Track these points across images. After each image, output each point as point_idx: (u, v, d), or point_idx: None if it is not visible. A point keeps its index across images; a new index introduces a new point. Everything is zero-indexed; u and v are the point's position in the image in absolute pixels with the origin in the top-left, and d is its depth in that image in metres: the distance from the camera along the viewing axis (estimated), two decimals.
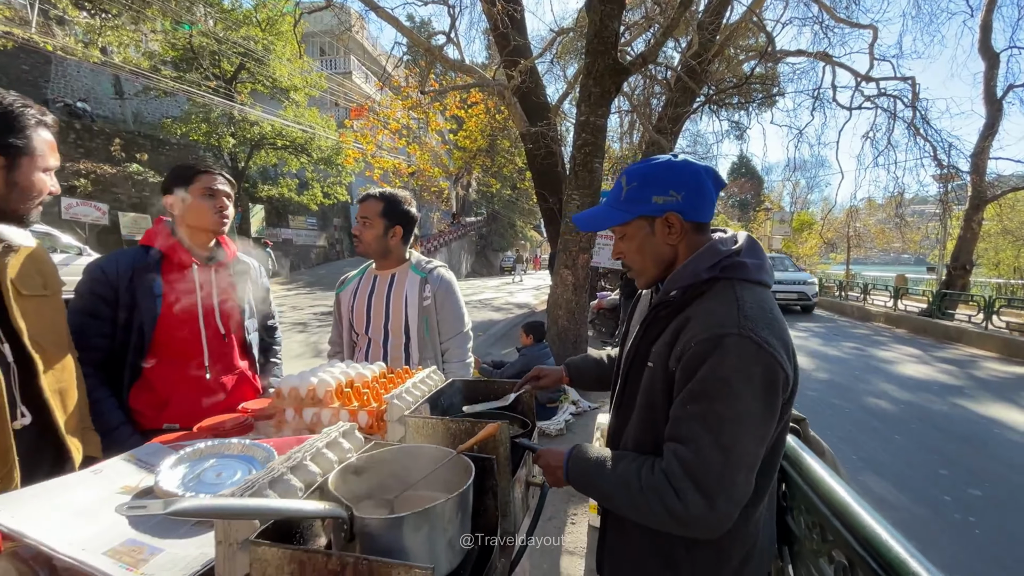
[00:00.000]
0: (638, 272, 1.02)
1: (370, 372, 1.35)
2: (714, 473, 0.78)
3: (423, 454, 0.91)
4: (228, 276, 1.70)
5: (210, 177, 1.59)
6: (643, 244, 0.97)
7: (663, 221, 0.94)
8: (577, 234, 5.01)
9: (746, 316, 0.82)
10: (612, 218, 0.99)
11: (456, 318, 1.87)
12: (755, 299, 0.86)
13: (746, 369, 0.79)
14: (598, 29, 4.70)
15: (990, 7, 12.34)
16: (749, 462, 0.81)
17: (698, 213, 0.94)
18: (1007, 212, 17.61)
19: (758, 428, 0.81)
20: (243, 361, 1.73)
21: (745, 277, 0.89)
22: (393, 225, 1.84)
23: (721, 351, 0.80)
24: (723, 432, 0.78)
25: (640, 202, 0.94)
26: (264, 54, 16.47)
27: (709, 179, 0.94)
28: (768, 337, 0.80)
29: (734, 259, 0.90)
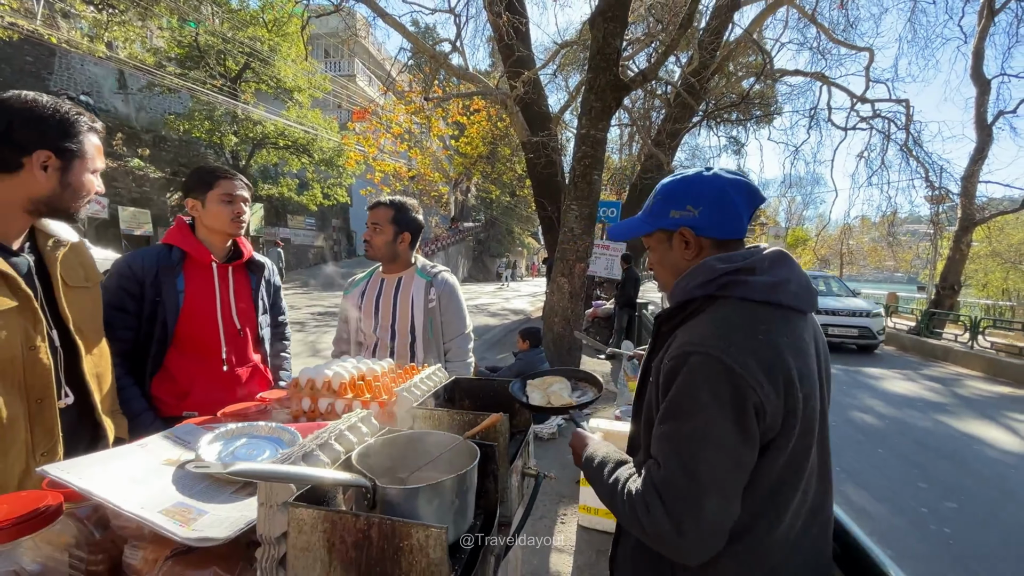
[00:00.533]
0: (660, 283, 1.06)
1: (380, 368, 1.45)
2: (679, 495, 0.77)
3: (432, 439, 1.01)
4: (244, 274, 1.80)
5: (230, 183, 1.69)
6: (663, 257, 1.00)
7: (679, 236, 0.95)
8: (575, 243, 5.13)
9: (719, 336, 0.80)
10: (636, 229, 1.04)
11: (459, 320, 1.97)
12: (743, 319, 0.84)
13: (712, 388, 0.77)
14: (601, 46, 4.85)
15: (982, 34, 12.67)
16: (720, 487, 0.77)
17: (719, 230, 0.93)
18: (996, 234, 17.95)
19: (730, 451, 0.77)
20: (256, 354, 1.83)
21: (746, 296, 0.86)
22: (402, 231, 1.96)
23: (687, 369, 0.80)
24: (686, 452, 0.78)
25: (660, 216, 0.97)
26: (270, 55, 16.63)
27: (739, 194, 0.92)
28: (739, 358, 0.77)
29: (736, 277, 0.87)
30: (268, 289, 1.93)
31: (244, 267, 1.81)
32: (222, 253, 1.73)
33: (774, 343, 0.81)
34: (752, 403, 0.77)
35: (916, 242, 23.21)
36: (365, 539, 0.69)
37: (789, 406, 0.80)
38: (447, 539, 0.68)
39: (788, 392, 0.79)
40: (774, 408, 0.78)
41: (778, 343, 0.81)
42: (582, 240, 5.14)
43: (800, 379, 0.81)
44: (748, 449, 0.79)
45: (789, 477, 0.84)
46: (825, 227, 25.28)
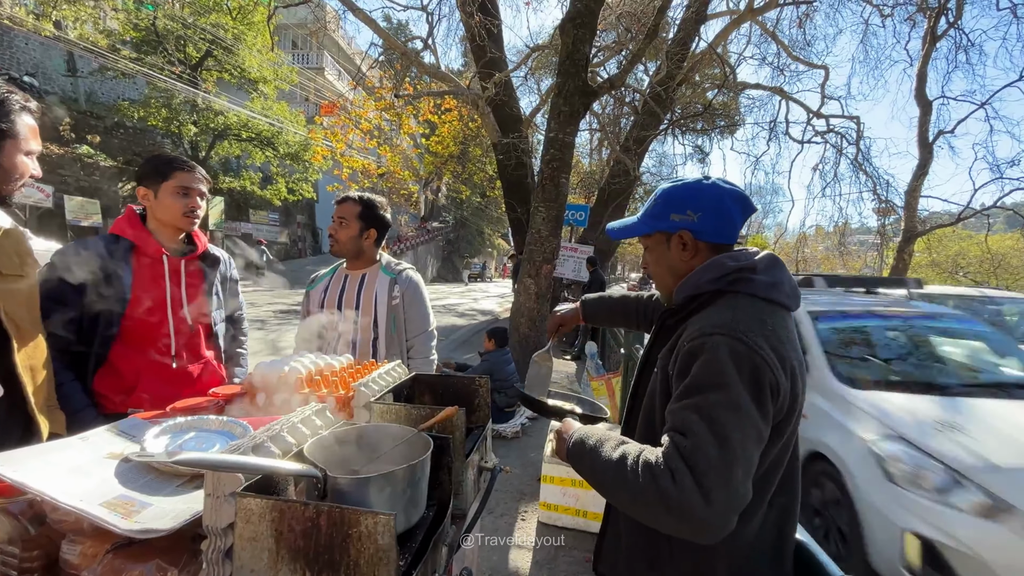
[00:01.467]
0: (656, 282, 1.10)
1: (338, 363, 1.45)
2: (711, 462, 0.76)
3: (387, 432, 1.02)
4: (197, 268, 1.75)
5: (187, 175, 1.63)
6: (660, 257, 1.05)
7: (677, 238, 1.01)
8: (542, 244, 5.19)
9: (738, 320, 0.85)
10: (635, 229, 1.09)
11: (422, 317, 1.98)
12: (754, 311, 0.89)
13: (736, 364, 0.81)
14: (570, 51, 4.93)
15: (926, 58, 13.52)
16: (747, 460, 0.79)
17: (715, 235, 0.99)
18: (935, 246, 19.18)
19: (752, 424, 0.80)
20: (209, 351, 1.79)
21: (752, 292, 0.92)
22: (368, 228, 1.95)
23: (711, 348, 0.83)
24: (717, 420, 0.78)
25: (660, 218, 1.02)
26: (233, 43, 16.06)
27: (735, 203, 0.99)
28: (758, 341, 0.83)
29: (743, 274, 0.93)
30: (224, 284, 1.89)
31: (198, 261, 1.76)
32: (174, 246, 1.68)
33: (779, 335, 0.87)
34: (769, 383, 0.82)
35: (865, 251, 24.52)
36: (314, 527, 0.70)
37: (794, 392, 0.87)
38: (396, 526, 0.70)
39: (793, 380, 0.86)
40: (784, 390, 0.84)
41: (781, 335, 0.88)
42: (549, 242, 5.20)
43: (799, 368, 0.89)
44: (766, 427, 0.82)
45: (780, 460, 0.91)
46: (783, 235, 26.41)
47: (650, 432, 0.97)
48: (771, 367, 0.82)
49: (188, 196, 1.63)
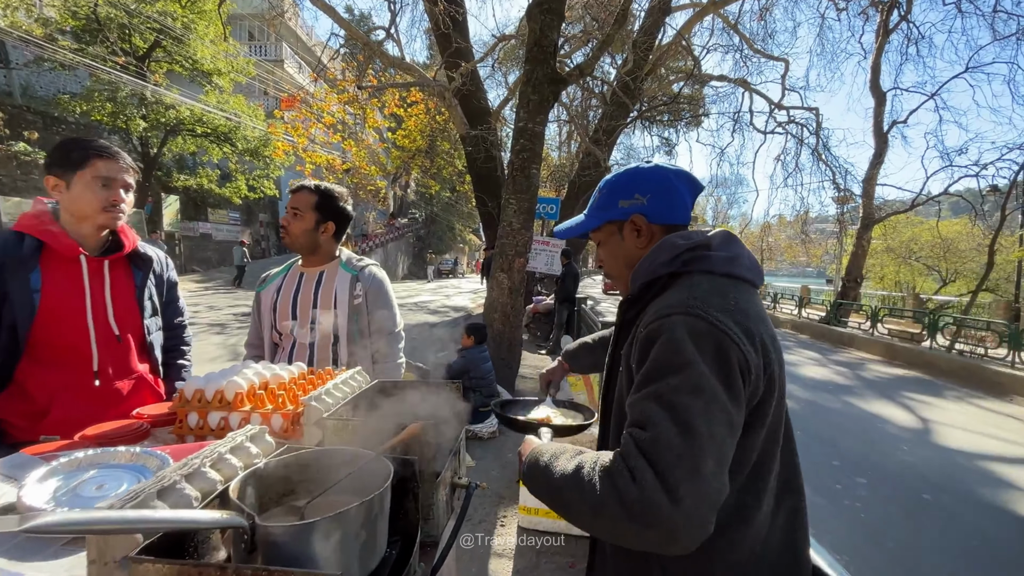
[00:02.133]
0: (615, 278, 1.02)
1: (288, 373, 1.27)
2: (675, 453, 0.66)
3: (340, 457, 0.86)
4: (125, 270, 1.53)
5: (108, 164, 1.40)
6: (615, 249, 0.99)
7: (630, 225, 0.95)
8: (514, 238, 5.05)
9: (695, 297, 0.78)
10: (584, 225, 1.02)
11: (388, 318, 1.81)
12: (713, 286, 0.81)
13: (696, 343, 0.73)
14: (538, 38, 4.79)
15: (879, 51, 14.00)
16: (717, 447, 0.68)
17: (667, 215, 0.93)
18: (890, 232, 20.03)
19: (721, 408, 0.70)
20: (143, 364, 1.57)
21: (708, 269, 0.85)
22: (326, 220, 1.76)
23: (669, 328, 0.75)
24: (679, 406, 0.69)
25: (608, 208, 0.97)
26: (183, 32, 15.19)
27: (681, 182, 0.94)
28: (718, 316, 0.75)
29: (697, 252, 0.86)
30: (160, 287, 1.67)
31: (125, 261, 1.54)
32: (95, 244, 1.46)
33: (743, 309, 0.79)
34: (736, 360, 0.73)
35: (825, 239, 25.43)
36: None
37: (768, 369, 0.78)
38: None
39: (765, 354, 0.77)
40: (756, 368, 0.75)
41: (747, 309, 0.79)
42: (521, 235, 5.06)
43: (772, 343, 0.80)
44: (737, 410, 0.72)
45: (769, 451, 0.82)
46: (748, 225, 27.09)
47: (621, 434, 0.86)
48: (736, 342, 0.73)
49: (109, 188, 1.40)
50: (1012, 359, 7.51)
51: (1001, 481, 4.11)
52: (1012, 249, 14.15)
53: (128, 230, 1.55)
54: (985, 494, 3.83)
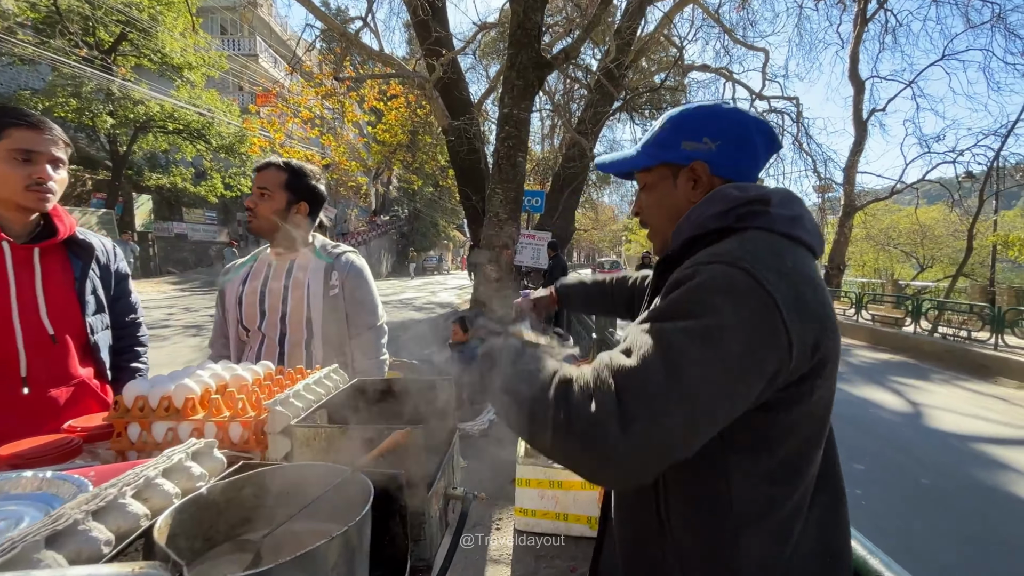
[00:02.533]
0: (654, 231, 0.87)
1: (251, 374, 1.10)
2: (646, 387, 0.56)
3: (308, 474, 0.70)
4: (61, 259, 1.34)
5: (28, 134, 1.19)
6: (662, 197, 0.83)
7: (688, 172, 0.79)
8: (500, 228, 4.89)
9: (746, 250, 0.64)
10: (633, 161, 0.86)
11: (368, 310, 1.63)
12: (770, 245, 0.67)
13: (732, 297, 0.59)
14: (521, 20, 4.62)
15: (857, 40, 14.13)
16: (700, 408, 0.57)
17: (733, 170, 0.78)
18: (870, 220, 20.35)
19: (728, 371, 0.57)
20: (85, 368, 1.38)
21: (767, 227, 0.70)
22: (298, 200, 1.57)
23: (705, 274, 0.62)
24: (676, 347, 0.57)
25: (667, 147, 0.81)
26: (151, 24, 14.60)
27: (760, 135, 0.78)
28: (767, 275, 0.60)
29: (755, 207, 0.71)
30: (106, 279, 1.47)
31: (62, 249, 1.34)
32: (21, 229, 1.26)
33: (801, 273, 0.65)
34: (773, 330, 0.59)
35: None
36: None
37: (818, 344, 0.63)
38: None
39: (817, 327, 0.62)
40: (800, 341, 0.61)
41: (806, 274, 0.65)
42: (508, 225, 4.91)
43: (829, 317, 0.66)
44: (754, 386, 0.60)
45: (813, 439, 0.69)
46: None
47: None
48: (781, 309, 0.59)
49: (32, 163, 1.20)
50: (995, 341, 7.61)
51: (996, 463, 4.10)
52: (987, 234, 14.44)
53: (64, 213, 1.35)
54: (983, 477, 3.81)
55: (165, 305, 11.13)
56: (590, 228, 34.31)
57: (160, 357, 6.12)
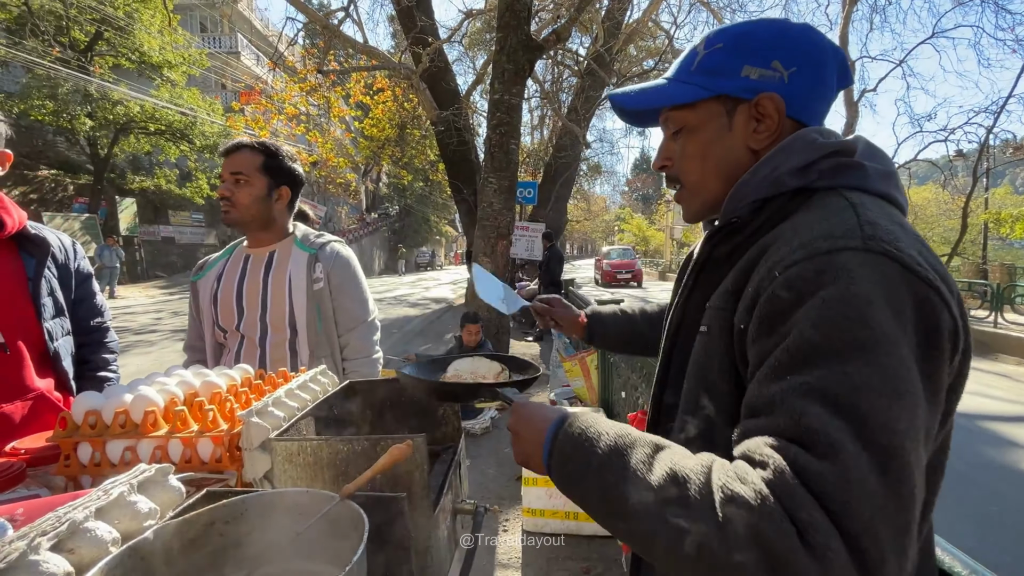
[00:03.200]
0: (691, 189, 0.66)
1: (226, 380, 0.96)
2: (876, 504, 0.38)
3: (287, 504, 0.57)
4: (11, 258, 1.19)
5: None
6: (711, 142, 0.63)
7: (750, 108, 0.60)
8: (495, 219, 4.75)
9: (872, 223, 0.48)
10: (673, 94, 0.64)
11: (358, 303, 1.49)
12: (884, 212, 0.52)
13: (888, 299, 0.43)
14: (510, 2, 4.45)
15: (846, 21, 14.01)
16: (920, 465, 0.41)
17: (808, 108, 0.60)
18: None
19: (924, 411, 0.42)
20: (44, 379, 1.23)
21: (863, 186, 0.55)
22: (279, 184, 1.42)
23: (837, 273, 0.44)
24: (872, 420, 0.40)
25: (722, 74, 0.61)
26: (127, 22, 14.20)
27: (836, 64, 0.61)
28: (917, 256, 0.46)
29: (842, 159, 0.55)
30: (66, 279, 1.33)
31: (11, 247, 1.20)
32: None
33: (924, 242, 0.49)
34: (947, 328, 0.45)
35: None
36: None
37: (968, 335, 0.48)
38: None
39: (965, 319, 0.47)
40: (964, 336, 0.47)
41: (926, 243, 0.50)
42: (502, 215, 4.77)
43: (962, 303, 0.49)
44: (939, 396, 0.45)
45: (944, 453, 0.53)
46: None
47: (707, 432, 0.57)
48: (945, 299, 0.45)
49: None
50: (994, 319, 7.59)
51: (1007, 441, 4.04)
52: (978, 212, 14.47)
53: (12, 206, 1.20)
54: (995, 456, 3.74)
55: (153, 310, 10.89)
56: (582, 219, 34.18)
57: (147, 364, 5.94)
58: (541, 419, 0.56)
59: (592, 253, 75.53)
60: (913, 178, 17.98)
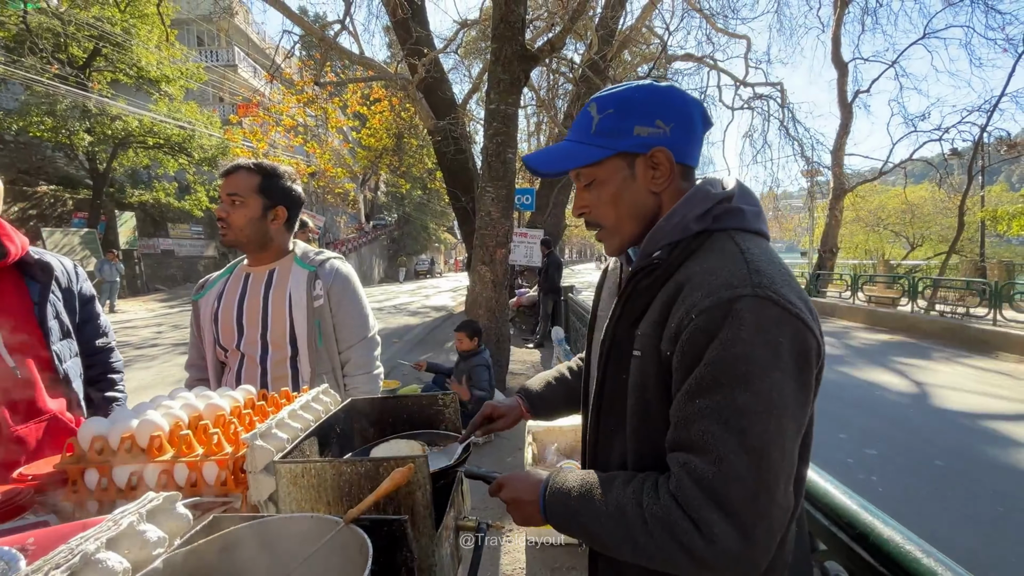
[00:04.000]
0: (610, 231, 0.79)
1: (230, 402, 0.97)
2: (748, 492, 0.57)
3: (293, 529, 0.58)
4: (16, 282, 1.21)
5: None
6: (620, 191, 0.75)
7: (647, 160, 0.73)
8: (493, 227, 4.77)
9: (758, 271, 0.62)
10: (581, 155, 0.75)
11: (358, 320, 1.51)
12: (762, 251, 0.67)
13: (771, 340, 0.59)
14: (504, 14, 4.50)
15: (838, 23, 14.14)
16: (788, 468, 0.60)
17: (688, 153, 0.74)
18: (860, 202, 20.43)
19: (794, 419, 0.60)
20: (56, 401, 1.25)
21: (743, 226, 0.71)
22: (275, 204, 1.44)
23: (734, 320, 0.59)
24: (751, 431, 0.57)
25: (619, 134, 0.73)
26: (125, 38, 14.30)
27: (698, 114, 0.75)
28: (790, 296, 0.61)
29: (728, 205, 0.70)
30: (70, 302, 1.35)
31: (15, 273, 1.21)
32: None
33: (790, 273, 0.67)
34: (813, 351, 0.62)
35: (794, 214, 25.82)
36: None
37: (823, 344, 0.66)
38: None
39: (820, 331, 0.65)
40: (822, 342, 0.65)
41: (791, 273, 0.67)
42: (501, 224, 4.79)
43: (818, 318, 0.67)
44: (806, 411, 0.63)
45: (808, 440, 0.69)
46: None
47: (648, 441, 0.71)
48: (811, 328, 0.62)
49: None
50: (994, 316, 7.60)
51: (1008, 440, 4.04)
52: (974, 210, 14.52)
53: (14, 233, 1.22)
54: (997, 455, 3.74)
55: (153, 324, 10.89)
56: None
57: (148, 378, 5.94)
58: (530, 490, 0.76)
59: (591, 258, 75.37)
60: (909, 177, 18.05)
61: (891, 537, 0.82)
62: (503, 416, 1.07)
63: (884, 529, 0.85)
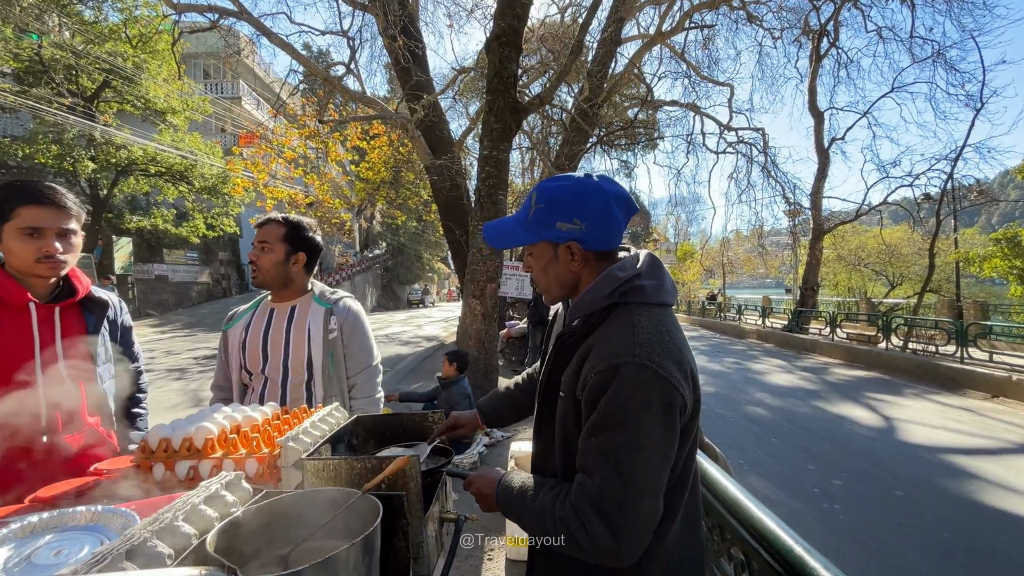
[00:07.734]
0: (543, 289, 1.04)
1: (260, 415, 1.22)
2: (617, 503, 0.79)
3: (322, 498, 0.82)
4: (77, 316, 1.45)
5: (36, 211, 1.29)
6: (547, 266, 0.99)
7: (565, 248, 0.95)
8: (484, 263, 5.07)
9: (640, 343, 0.83)
10: (519, 237, 1.01)
11: (364, 351, 1.77)
12: (651, 323, 0.87)
13: (643, 396, 0.80)
14: (498, 70, 4.93)
15: (814, 75, 15.06)
16: (653, 489, 0.81)
17: (601, 243, 0.95)
18: (839, 242, 21.16)
19: (660, 454, 0.81)
20: (94, 416, 1.47)
21: (643, 300, 0.91)
22: (296, 251, 1.72)
23: (618, 381, 0.81)
24: (623, 462, 0.79)
25: (545, 226, 0.95)
26: (135, 72, 14.87)
27: (620, 207, 0.94)
28: (662, 362, 0.82)
29: (633, 283, 0.91)
30: (114, 332, 1.59)
31: (78, 307, 1.46)
32: (44, 290, 1.38)
33: (675, 341, 0.87)
34: (677, 404, 0.82)
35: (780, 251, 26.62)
36: None
37: (695, 393, 0.88)
38: None
39: (694, 383, 0.87)
40: (690, 402, 0.85)
41: (677, 340, 0.88)
42: (491, 260, 5.09)
43: (694, 365, 0.89)
44: (672, 447, 0.84)
45: (688, 467, 0.92)
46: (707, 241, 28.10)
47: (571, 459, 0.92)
48: (676, 387, 0.82)
49: (40, 238, 1.30)
50: (961, 355, 7.95)
51: (965, 472, 4.28)
52: (949, 252, 15.15)
53: (80, 274, 1.47)
54: (951, 486, 3.98)
55: (146, 349, 10.92)
56: None
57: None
58: (490, 483, 1.01)
59: None
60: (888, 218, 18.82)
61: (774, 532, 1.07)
62: (464, 426, 1.33)
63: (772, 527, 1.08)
